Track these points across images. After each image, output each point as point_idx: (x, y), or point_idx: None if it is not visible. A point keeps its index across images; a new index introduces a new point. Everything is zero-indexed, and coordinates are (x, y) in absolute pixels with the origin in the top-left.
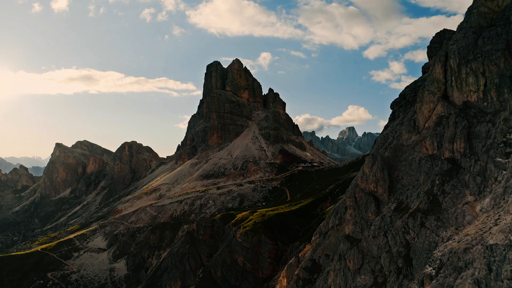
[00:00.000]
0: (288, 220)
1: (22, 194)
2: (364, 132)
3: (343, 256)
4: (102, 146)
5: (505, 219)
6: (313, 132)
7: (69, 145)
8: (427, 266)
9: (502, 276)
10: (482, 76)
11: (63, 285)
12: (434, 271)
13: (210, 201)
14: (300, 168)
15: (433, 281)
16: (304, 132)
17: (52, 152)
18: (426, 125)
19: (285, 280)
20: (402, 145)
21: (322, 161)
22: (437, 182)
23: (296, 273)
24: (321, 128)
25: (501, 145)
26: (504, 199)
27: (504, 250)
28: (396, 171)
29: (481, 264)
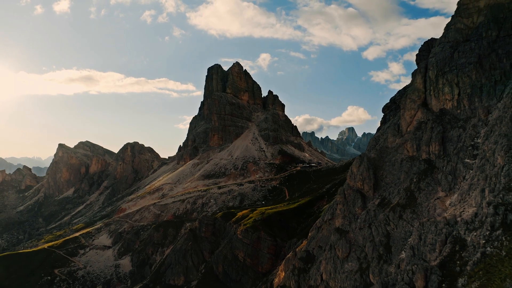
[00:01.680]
0: (287, 218)
1: (26, 194)
2: (364, 133)
3: (333, 246)
4: (103, 147)
5: (468, 211)
6: (313, 133)
7: (70, 145)
8: (403, 252)
9: (426, 242)
10: (456, 86)
11: (70, 281)
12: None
13: (211, 200)
14: (299, 168)
15: None
16: (304, 132)
17: (55, 152)
18: (408, 129)
19: (283, 273)
20: (387, 147)
21: (320, 161)
22: (415, 180)
23: (292, 263)
24: (320, 128)
25: (470, 148)
26: (469, 194)
27: (430, 225)
28: (381, 171)
29: (415, 235)
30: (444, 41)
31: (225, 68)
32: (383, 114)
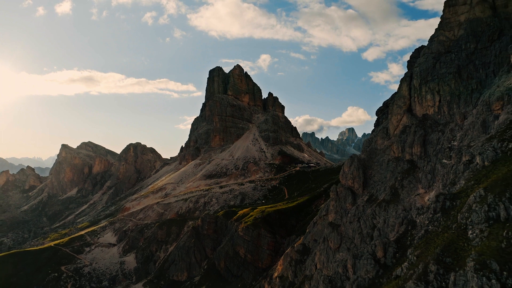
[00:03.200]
0: (286, 216)
1: (30, 193)
2: (364, 133)
3: (326, 239)
4: (105, 147)
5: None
6: (313, 133)
7: (71, 146)
8: None
9: (389, 224)
10: (437, 94)
11: (77, 278)
12: None
13: (213, 199)
14: (298, 168)
15: None
16: (304, 133)
17: (57, 153)
18: (395, 132)
19: (282, 267)
20: (376, 149)
21: (318, 161)
22: (399, 179)
23: (290, 256)
24: (320, 129)
25: (447, 150)
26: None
27: (392, 212)
28: (370, 170)
29: (381, 220)
30: (427, 52)
31: (226, 69)
32: (376, 117)
